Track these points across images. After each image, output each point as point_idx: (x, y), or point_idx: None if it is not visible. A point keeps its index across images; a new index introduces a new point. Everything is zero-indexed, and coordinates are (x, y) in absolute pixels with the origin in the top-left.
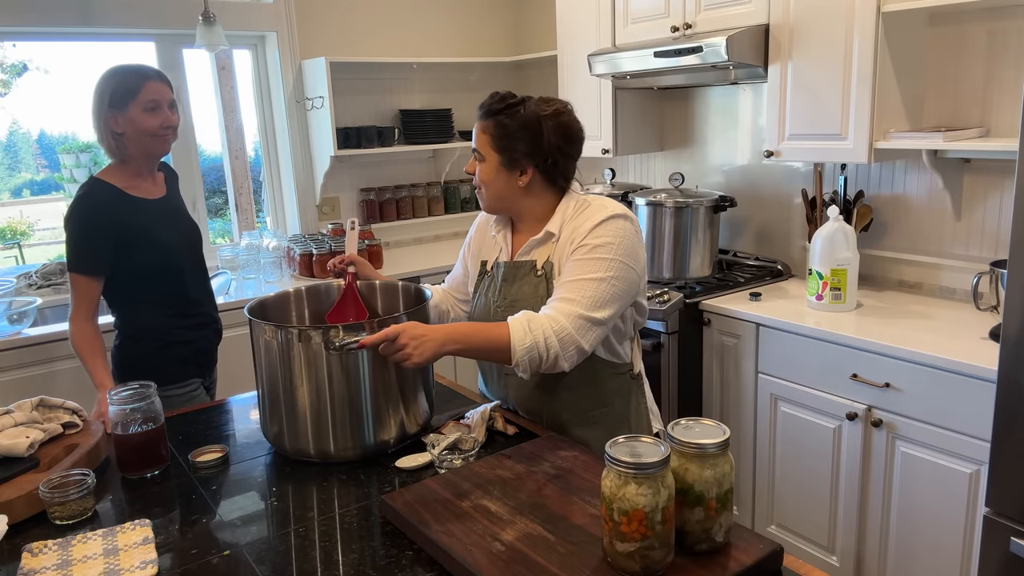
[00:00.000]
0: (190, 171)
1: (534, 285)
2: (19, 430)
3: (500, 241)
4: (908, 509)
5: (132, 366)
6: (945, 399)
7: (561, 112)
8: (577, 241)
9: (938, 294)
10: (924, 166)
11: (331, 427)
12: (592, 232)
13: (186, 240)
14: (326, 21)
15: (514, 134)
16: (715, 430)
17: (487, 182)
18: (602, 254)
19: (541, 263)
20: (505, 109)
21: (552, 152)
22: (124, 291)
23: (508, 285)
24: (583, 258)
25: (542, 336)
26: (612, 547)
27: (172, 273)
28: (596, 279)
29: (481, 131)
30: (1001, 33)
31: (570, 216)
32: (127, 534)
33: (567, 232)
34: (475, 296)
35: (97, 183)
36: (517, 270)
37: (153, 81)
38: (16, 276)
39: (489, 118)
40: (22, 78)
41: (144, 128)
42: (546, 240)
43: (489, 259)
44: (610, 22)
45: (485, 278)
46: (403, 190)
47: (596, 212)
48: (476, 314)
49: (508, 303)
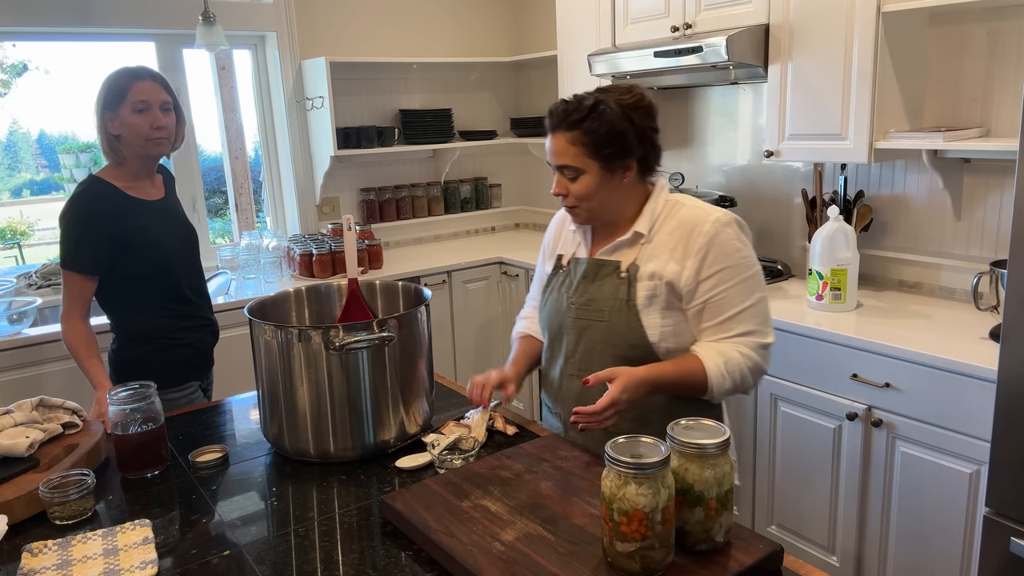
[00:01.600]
0: (190, 171)
1: (615, 287)
2: (19, 430)
3: (580, 235)
4: (908, 509)
5: (129, 369)
6: (945, 399)
7: (641, 97)
8: (696, 261)
9: (938, 294)
10: (924, 166)
11: (331, 427)
12: (712, 251)
13: (183, 243)
14: (326, 21)
15: (608, 135)
16: (715, 430)
17: (589, 195)
18: (746, 272)
19: (626, 265)
20: (589, 113)
21: (648, 139)
22: (120, 293)
23: (587, 283)
24: (736, 283)
25: (739, 376)
26: (612, 547)
27: (169, 276)
28: (756, 301)
29: (569, 144)
30: (1001, 33)
31: (662, 216)
32: (127, 534)
33: (662, 238)
34: (547, 291)
35: (96, 181)
36: (599, 268)
37: (143, 81)
38: (16, 276)
39: (574, 129)
40: (22, 78)
41: (135, 130)
42: (634, 241)
43: (566, 254)
44: (610, 22)
45: (560, 273)
46: (403, 190)
47: (699, 221)
48: (548, 311)
49: (584, 301)
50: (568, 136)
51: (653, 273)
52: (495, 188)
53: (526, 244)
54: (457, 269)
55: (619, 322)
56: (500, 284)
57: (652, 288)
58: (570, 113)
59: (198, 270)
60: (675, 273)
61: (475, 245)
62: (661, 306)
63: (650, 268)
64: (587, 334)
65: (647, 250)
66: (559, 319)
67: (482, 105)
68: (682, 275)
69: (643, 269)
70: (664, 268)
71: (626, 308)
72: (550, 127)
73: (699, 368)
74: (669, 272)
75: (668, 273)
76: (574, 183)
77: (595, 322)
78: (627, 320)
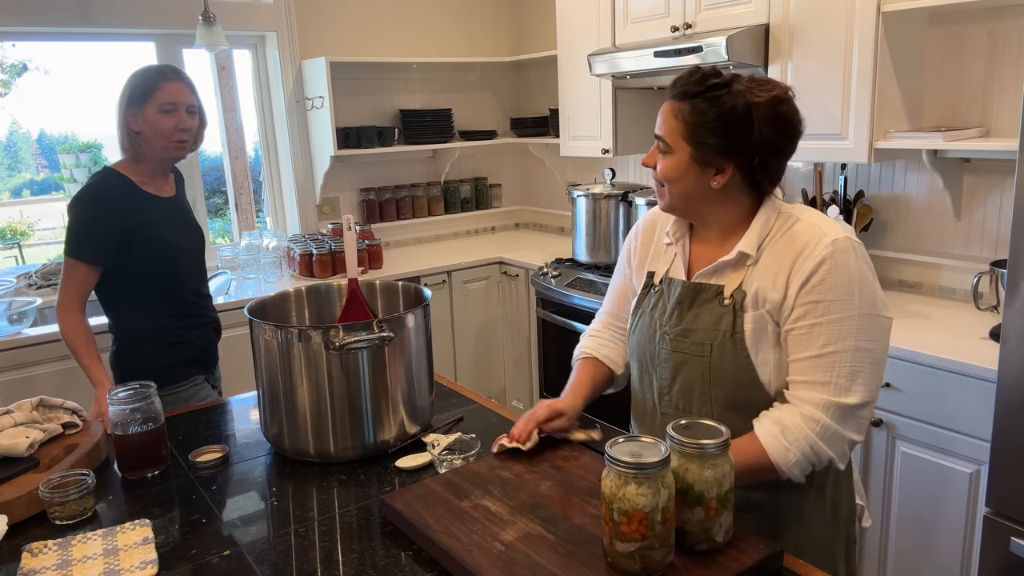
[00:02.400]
0: (190, 171)
1: (717, 316)
2: (19, 430)
3: (677, 251)
4: (908, 509)
5: (133, 369)
6: (945, 399)
7: (781, 100)
8: (797, 284)
9: (938, 294)
10: (924, 166)
11: (331, 427)
12: (815, 276)
13: (190, 243)
14: (326, 21)
15: (714, 124)
16: (715, 430)
17: (672, 178)
18: (846, 312)
19: (730, 290)
20: (706, 92)
21: (762, 148)
22: (124, 289)
23: (683, 309)
24: (828, 321)
25: (806, 445)
26: (612, 547)
27: (173, 274)
28: (848, 349)
29: (671, 114)
30: (1001, 33)
31: (774, 235)
32: (127, 534)
33: (769, 259)
34: (636, 315)
35: (111, 173)
36: (697, 293)
37: (172, 82)
38: (16, 276)
39: (684, 100)
40: (22, 78)
41: (158, 129)
42: (740, 263)
43: (658, 271)
44: (610, 22)
45: (651, 294)
46: (403, 190)
47: (811, 240)
48: (637, 337)
49: (681, 332)
50: (675, 106)
51: (758, 300)
52: (495, 188)
53: (526, 244)
54: (457, 269)
55: (723, 358)
56: (500, 284)
57: (758, 319)
58: (690, 84)
59: (202, 271)
60: (776, 301)
61: (475, 245)
62: (771, 341)
63: (755, 295)
64: (685, 370)
65: (753, 273)
66: (650, 349)
67: (482, 105)
68: (782, 303)
69: (749, 296)
70: (768, 294)
71: (731, 342)
72: (668, 91)
73: (758, 447)
74: (772, 300)
75: (770, 301)
76: (664, 158)
77: (694, 356)
78: (733, 356)
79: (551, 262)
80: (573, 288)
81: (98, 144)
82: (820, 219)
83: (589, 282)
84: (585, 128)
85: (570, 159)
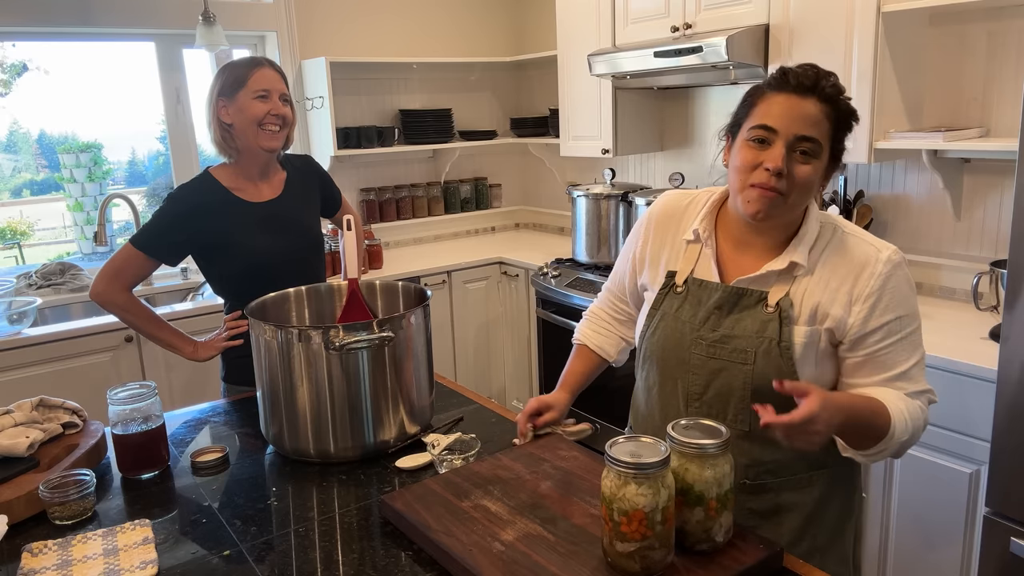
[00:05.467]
0: (190, 171)
1: (762, 323)
2: (19, 430)
3: (707, 251)
4: (908, 509)
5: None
6: (945, 399)
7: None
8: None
9: (938, 294)
10: (924, 166)
11: (331, 427)
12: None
13: (286, 247)
14: (326, 21)
15: (847, 127)
16: (715, 430)
17: (810, 186)
18: (914, 324)
19: (776, 298)
20: (842, 93)
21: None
22: (222, 289)
23: (722, 315)
24: (904, 336)
25: (913, 430)
26: (612, 547)
27: (261, 278)
28: (921, 357)
29: (824, 116)
30: (1001, 33)
31: (821, 244)
32: (127, 534)
33: (825, 273)
34: (654, 316)
35: (206, 178)
36: (739, 298)
37: (264, 69)
38: (16, 276)
39: (827, 102)
40: (22, 78)
41: (251, 115)
42: (789, 272)
43: (682, 270)
44: (610, 22)
45: (674, 295)
46: (403, 190)
47: (870, 258)
48: (659, 340)
49: (719, 338)
50: (820, 106)
51: (816, 315)
52: (495, 188)
53: (526, 244)
54: (457, 269)
55: (768, 367)
56: (500, 284)
57: (812, 334)
58: (827, 81)
59: (311, 276)
60: (838, 320)
61: (475, 245)
62: (817, 357)
63: (809, 309)
64: (722, 377)
65: (803, 284)
66: (678, 353)
67: (482, 105)
68: (847, 322)
69: (800, 308)
70: (830, 310)
71: (777, 351)
72: (791, 87)
73: (884, 411)
74: (835, 316)
75: (833, 317)
76: (803, 165)
77: (734, 364)
78: (778, 366)
79: (551, 262)
80: (573, 288)
81: (98, 144)
82: (865, 234)
83: (589, 282)
84: (585, 128)
85: (570, 159)
